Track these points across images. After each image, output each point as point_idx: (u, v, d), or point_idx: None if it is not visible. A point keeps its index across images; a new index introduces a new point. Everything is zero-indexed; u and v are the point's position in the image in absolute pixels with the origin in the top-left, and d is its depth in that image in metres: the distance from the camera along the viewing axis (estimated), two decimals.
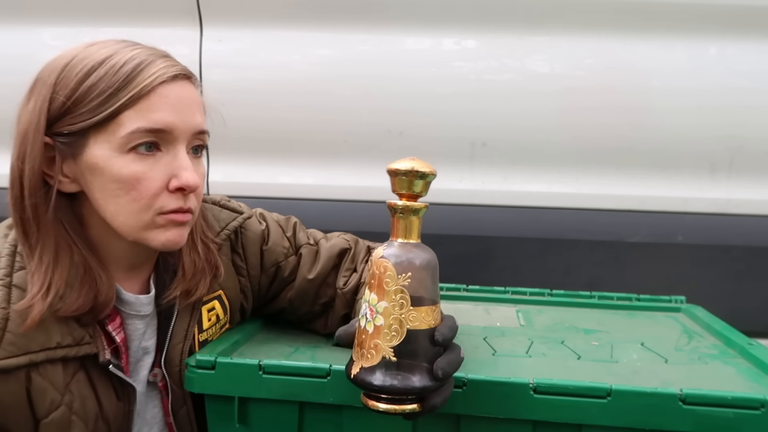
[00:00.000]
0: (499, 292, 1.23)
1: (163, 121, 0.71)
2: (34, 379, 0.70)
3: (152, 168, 0.71)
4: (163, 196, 0.72)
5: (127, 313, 0.79)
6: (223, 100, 0.85)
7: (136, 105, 0.69)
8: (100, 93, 0.69)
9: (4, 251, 0.72)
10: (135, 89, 0.69)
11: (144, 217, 0.72)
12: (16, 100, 0.74)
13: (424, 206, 0.68)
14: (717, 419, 0.69)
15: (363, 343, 0.66)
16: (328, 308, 0.94)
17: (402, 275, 0.65)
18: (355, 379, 0.66)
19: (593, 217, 1.37)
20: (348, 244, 0.97)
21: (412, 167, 0.66)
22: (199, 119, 0.76)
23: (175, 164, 0.73)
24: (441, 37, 1.38)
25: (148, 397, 0.82)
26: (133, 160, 0.71)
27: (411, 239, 0.68)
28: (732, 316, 1.09)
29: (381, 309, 0.65)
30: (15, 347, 0.69)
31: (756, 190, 1.36)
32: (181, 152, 0.73)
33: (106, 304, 0.75)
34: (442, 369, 0.64)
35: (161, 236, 0.74)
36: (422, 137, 1.38)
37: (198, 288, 0.83)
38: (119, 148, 0.70)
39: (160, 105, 0.71)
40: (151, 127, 0.70)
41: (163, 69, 0.71)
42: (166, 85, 0.71)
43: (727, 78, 1.34)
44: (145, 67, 0.71)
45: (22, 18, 1.44)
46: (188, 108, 0.74)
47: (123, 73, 0.69)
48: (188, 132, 0.74)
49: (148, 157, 0.71)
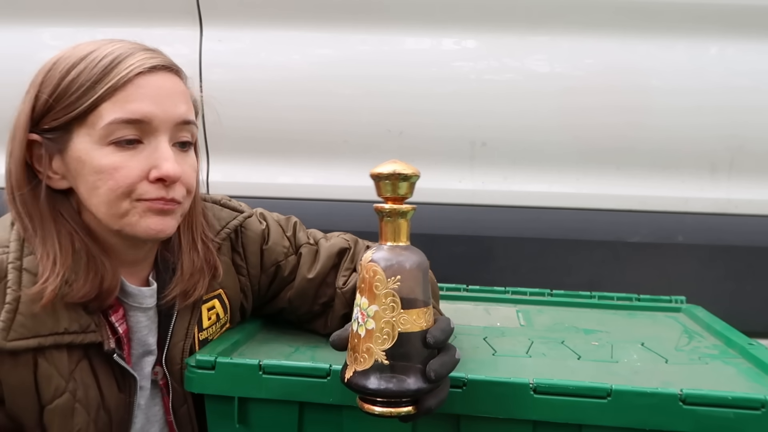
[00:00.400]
0: (499, 292, 1.23)
1: (141, 111, 0.71)
2: (41, 363, 0.72)
3: (131, 158, 0.72)
4: (142, 185, 0.72)
5: (130, 305, 0.80)
6: (223, 100, 0.86)
7: (114, 96, 0.70)
8: (79, 87, 0.70)
9: (13, 237, 0.74)
10: (112, 80, 0.70)
11: (123, 204, 0.72)
12: (16, 100, 0.75)
13: (411, 208, 0.67)
14: (717, 419, 0.69)
15: (356, 347, 0.66)
16: (327, 308, 0.94)
17: (391, 278, 0.65)
18: (349, 383, 0.66)
19: (593, 217, 1.37)
20: (347, 243, 0.97)
21: (393, 170, 0.65)
22: (181, 109, 0.75)
23: (156, 155, 0.72)
24: (441, 37, 1.38)
25: (150, 394, 0.83)
26: (112, 151, 0.71)
27: (400, 242, 0.67)
28: (732, 316, 1.09)
29: (372, 313, 0.65)
30: (25, 329, 0.70)
31: (756, 190, 1.36)
32: (162, 143, 0.73)
33: (111, 291, 0.76)
34: (435, 371, 0.64)
35: (142, 223, 0.73)
36: (422, 137, 1.38)
37: (196, 289, 0.83)
38: (99, 140, 0.71)
39: (137, 95, 0.71)
40: (129, 117, 0.70)
41: (141, 60, 0.72)
42: (144, 75, 0.71)
43: (728, 78, 1.34)
44: (123, 59, 0.71)
45: (22, 18, 1.44)
46: (168, 98, 0.73)
47: (101, 66, 0.71)
48: (169, 122, 0.73)
49: (128, 149, 0.72)
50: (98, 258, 0.75)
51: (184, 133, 0.76)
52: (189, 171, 0.77)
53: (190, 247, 0.83)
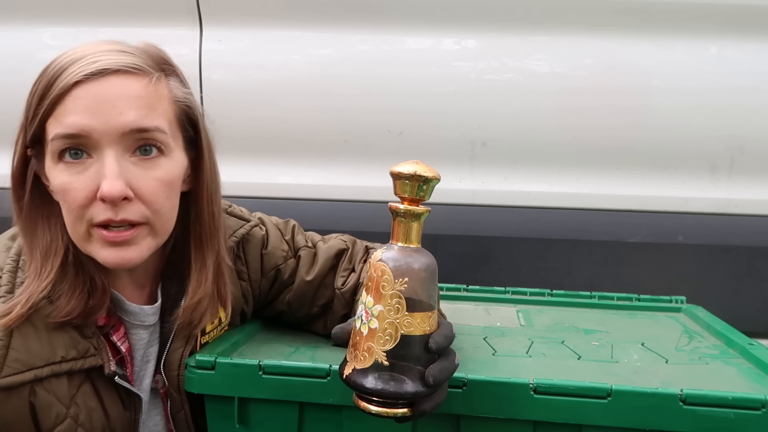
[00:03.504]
0: (500, 292, 1.23)
1: (77, 125, 0.66)
2: (39, 393, 0.70)
3: (78, 177, 0.68)
4: (93, 207, 0.68)
5: (131, 323, 0.79)
6: (223, 100, 0.85)
7: (55, 111, 0.67)
8: (30, 105, 0.69)
9: (6, 267, 0.72)
10: (52, 95, 0.66)
11: (80, 228, 0.69)
12: (16, 100, 0.74)
13: (426, 211, 0.67)
14: (717, 420, 0.69)
15: (357, 345, 0.66)
16: (326, 310, 0.94)
17: (399, 280, 0.64)
18: (347, 379, 0.66)
19: (593, 217, 1.37)
20: (345, 244, 0.97)
21: (415, 171, 0.64)
22: (129, 117, 0.67)
23: (102, 171, 0.67)
24: (441, 37, 1.38)
25: (150, 404, 0.82)
26: (62, 170, 0.68)
27: (411, 243, 0.67)
28: (732, 316, 1.09)
29: (376, 312, 0.65)
30: (19, 363, 0.68)
31: (757, 190, 1.36)
32: (107, 157, 0.67)
33: (97, 308, 0.73)
34: (434, 376, 0.64)
35: (100, 253, 0.70)
36: (422, 137, 1.38)
37: (201, 321, 0.79)
38: (51, 158, 0.69)
39: (73, 108, 0.66)
40: (65, 132, 0.66)
41: (81, 67, 0.66)
42: (82, 85, 0.66)
43: (728, 78, 1.34)
44: (66, 68, 0.67)
45: (22, 18, 1.44)
46: (110, 106, 0.66)
47: (47, 78, 0.67)
48: (112, 133, 0.67)
49: (76, 165, 0.68)
50: (89, 273, 0.73)
51: (143, 138, 0.69)
52: (150, 184, 0.70)
53: (200, 265, 0.79)
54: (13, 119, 0.75)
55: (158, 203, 0.71)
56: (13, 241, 0.75)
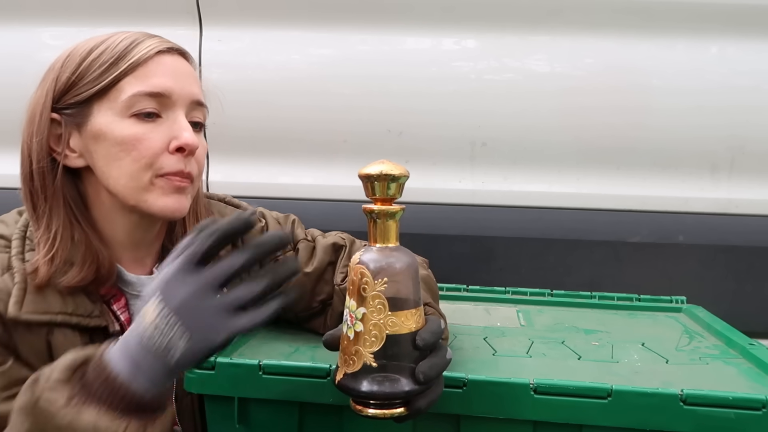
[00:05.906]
0: (500, 292, 1.22)
1: (162, 86, 0.76)
2: (56, 334, 0.74)
3: (153, 130, 0.76)
4: (163, 157, 0.76)
5: (131, 294, 0.82)
6: (223, 100, 0.86)
7: (135, 71, 0.75)
8: (101, 64, 0.75)
9: (15, 235, 0.77)
10: (134, 57, 0.75)
11: (144, 177, 0.76)
12: (17, 99, 0.75)
13: (400, 209, 0.66)
14: (718, 420, 0.69)
15: (345, 350, 0.66)
16: (326, 306, 0.94)
17: (379, 280, 0.64)
18: (340, 385, 0.66)
19: (593, 217, 1.37)
20: (344, 241, 0.97)
21: (381, 171, 0.64)
22: (196, 89, 0.80)
23: (175, 127, 0.77)
24: (441, 37, 1.38)
25: None
26: (134, 123, 0.75)
27: (389, 243, 0.66)
28: (733, 316, 1.08)
29: (360, 315, 0.64)
30: (36, 305, 0.73)
31: (757, 190, 1.36)
32: (180, 116, 0.77)
33: (108, 277, 0.79)
34: (424, 373, 0.64)
35: (160, 201, 0.77)
36: (422, 137, 1.38)
37: None
38: (121, 113, 0.75)
39: (157, 71, 0.76)
40: (150, 90, 0.75)
41: (158, 42, 0.78)
42: (163, 54, 0.77)
43: (728, 77, 1.34)
44: (142, 41, 0.77)
45: (22, 18, 1.44)
46: (185, 77, 0.79)
47: (122, 46, 0.76)
48: (186, 98, 0.78)
49: (149, 122, 0.76)
50: (96, 248, 0.78)
51: (197, 113, 0.81)
52: (201, 150, 0.81)
53: None
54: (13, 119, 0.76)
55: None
56: (21, 215, 0.80)
